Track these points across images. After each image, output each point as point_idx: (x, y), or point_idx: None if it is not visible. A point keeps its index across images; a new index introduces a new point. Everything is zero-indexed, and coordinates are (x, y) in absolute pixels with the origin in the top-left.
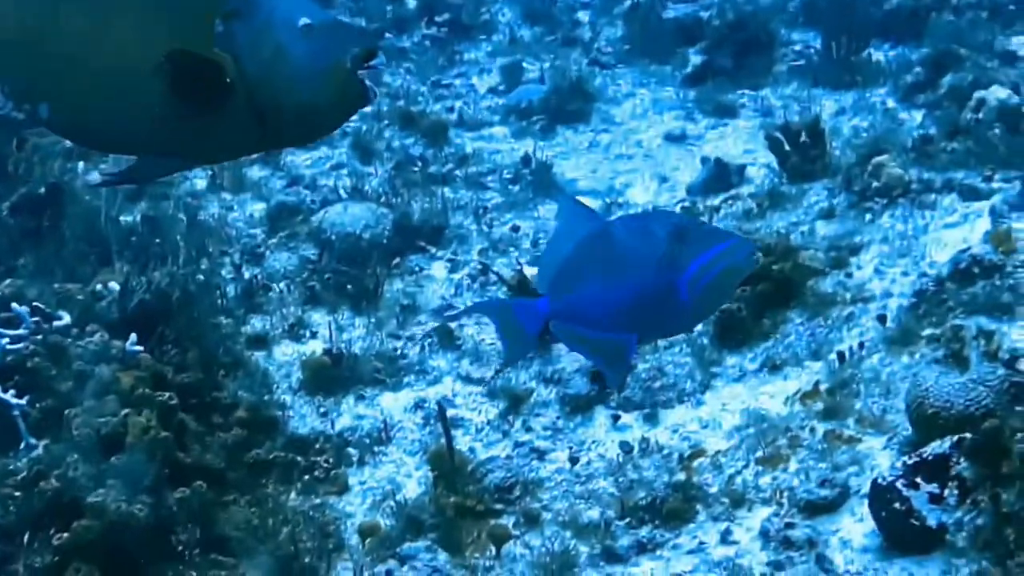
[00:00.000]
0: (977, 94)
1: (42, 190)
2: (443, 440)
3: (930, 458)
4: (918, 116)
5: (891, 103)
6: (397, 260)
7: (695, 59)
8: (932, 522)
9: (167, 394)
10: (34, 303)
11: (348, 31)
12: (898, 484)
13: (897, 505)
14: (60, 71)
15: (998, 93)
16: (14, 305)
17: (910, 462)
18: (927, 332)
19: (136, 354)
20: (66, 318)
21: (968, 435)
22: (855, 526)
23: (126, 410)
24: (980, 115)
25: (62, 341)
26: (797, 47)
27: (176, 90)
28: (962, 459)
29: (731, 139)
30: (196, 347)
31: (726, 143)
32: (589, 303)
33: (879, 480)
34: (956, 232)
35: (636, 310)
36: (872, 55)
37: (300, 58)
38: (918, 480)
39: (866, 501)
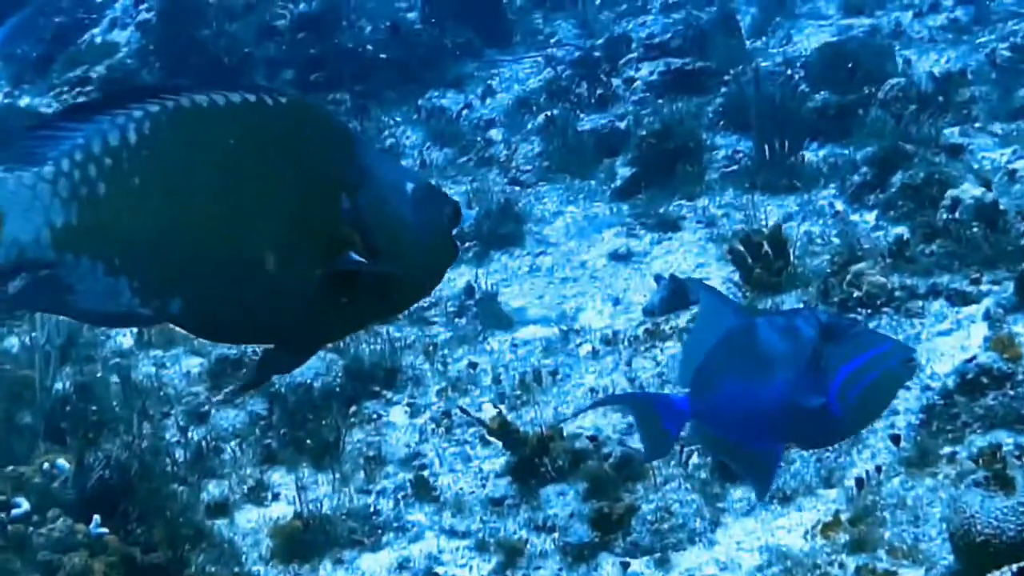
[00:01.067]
0: (950, 192)
1: None
2: None
3: None
4: (870, 217)
5: (840, 205)
6: (353, 408)
7: (623, 171)
8: None
9: None
10: None
11: (440, 192)
12: None
13: None
14: (192, 263)
15: (972, 191)
16: None
17: None
18: (945, 450)
19: (102, 536)
20: (25, 505)
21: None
22: None
23: None
24: (956, 215)
25: (23, 530)
26: (722, 153)
27: (325, 282)
28: None
29: (679, 253)
30: (161, 522)
31: (675, 258)
32: (730, 405)
33: None
34: (951, 340)
35: (781, 417)
36: (805, 156)
37: (414, 224)
38: None
39: None
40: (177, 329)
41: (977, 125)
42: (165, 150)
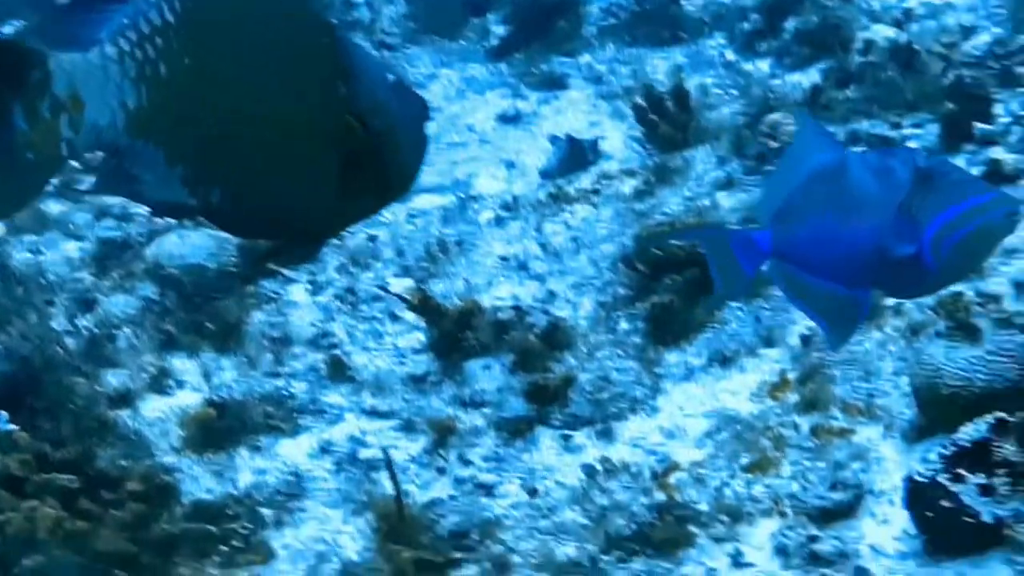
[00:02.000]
0: (862, 35)
1: None
2: (383, 487)
3: (968, 445)
4: (764, 66)
5: (730, 55)
6: (251, 288)
7: (496, 29)
8: (988, 517)
9: (67, 476)
10: None
11: (410, 87)
12: (941, 479)
13: (945, 503)
14: (230, 151)
15: (885, 32)
16: None
17: (947, 453)
18: (890, 302)
19: (11, 433)
20: None
21: (1004, 415)
22: (881, 530)
23: (31, 502)
24: (871, 57)
25: None
26: (597, 7)
27: (343, 165)
28: (1007, 443)
29: (570, 112)
30: (67, 416)
31: (566, 117)
32: (813, 245)
33: (917, 477)
34: None
35: (866, 263)
36: (684, 5)
37: (398, 113)
38: (961, 471)
39: (885, 500)
40: (56, 211)
41: None
42: (198, 31)
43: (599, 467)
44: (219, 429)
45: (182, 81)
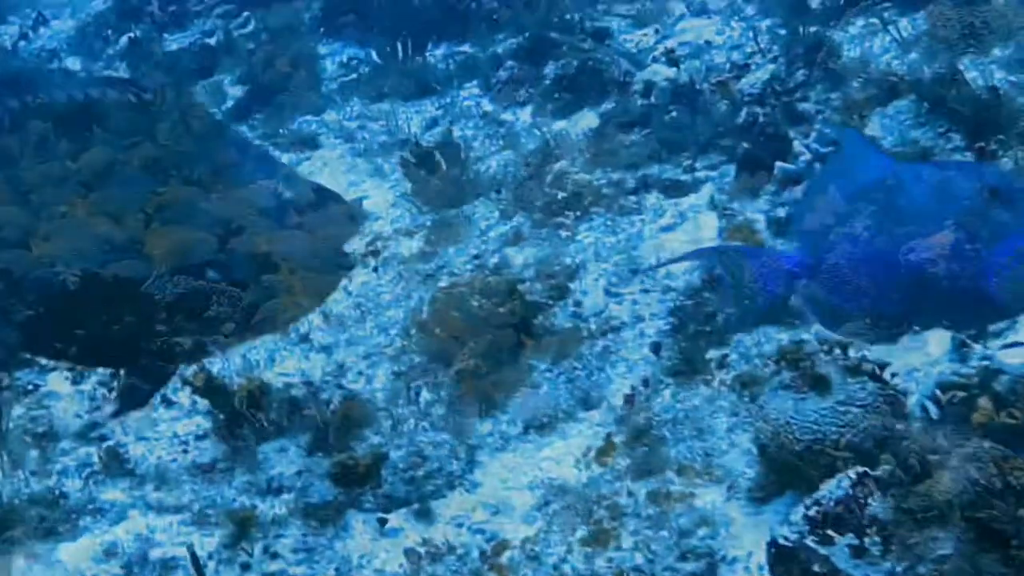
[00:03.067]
0: (641, 76)
1: None
2: None
3: (832, 504)
4: (525, 115)
5: (488, 105)
6: (6, 381)
7: (233, 91)
8: None
9: None
10: None
11: None
12: (809, 542)
13: (816, 568)
14: None
15: (665, 73)
16: None
17: (811, 513)
18: (712, 354)
19: None
20: None
21: (866, 468)
22: None
23: None
24: (653, 99)
25: None
26: (332, 62)
27: None
28: (871, 497)
29: (325, 173)
30: None
31: (323, 179)
32: (857, 268)
33: (781, 541)
34: (679, 234)
35: (918, 284)
36: (430, 57)
37: None
38: (829, 533)
39: (740, 568)
40: None
41: (600, 7)
42: None
43: (421, 551)
44: None
45: None
